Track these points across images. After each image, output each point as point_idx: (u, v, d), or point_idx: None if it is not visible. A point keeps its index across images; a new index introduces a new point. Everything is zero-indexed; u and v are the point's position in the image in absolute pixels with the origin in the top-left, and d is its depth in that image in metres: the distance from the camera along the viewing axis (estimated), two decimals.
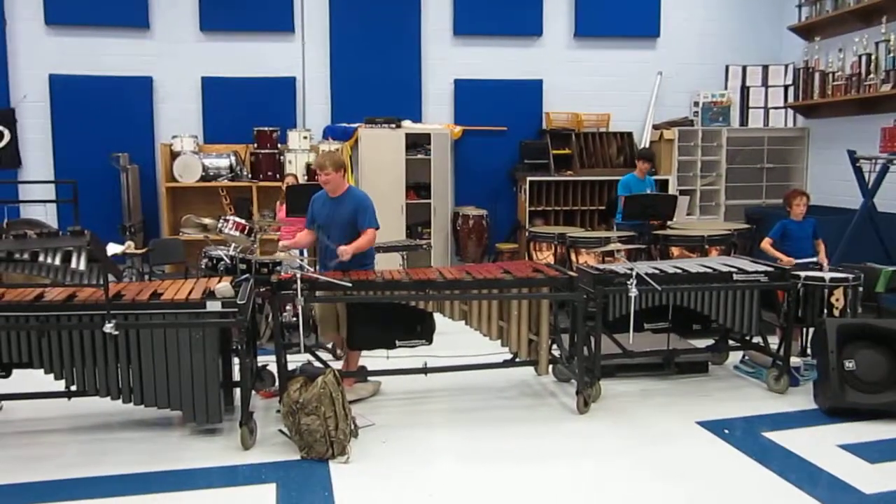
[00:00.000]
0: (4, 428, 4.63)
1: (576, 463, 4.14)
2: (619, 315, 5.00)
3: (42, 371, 4.30)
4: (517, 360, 5.10)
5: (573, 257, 6.93)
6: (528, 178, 8.95)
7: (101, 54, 8.63)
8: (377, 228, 5.13)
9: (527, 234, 8.10)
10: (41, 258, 4.10)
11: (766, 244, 6.09)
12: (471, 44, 9.36)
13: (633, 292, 4.84)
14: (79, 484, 3.90)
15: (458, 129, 9.22)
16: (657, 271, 5.12)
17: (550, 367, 5.22)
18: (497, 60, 9.37)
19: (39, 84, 8.60)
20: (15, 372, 4.50)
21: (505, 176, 9.45)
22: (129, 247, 7.14)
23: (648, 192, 7.55)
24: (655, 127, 9.56)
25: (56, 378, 4.32)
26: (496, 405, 5.06)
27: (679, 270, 5.19)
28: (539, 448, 4.33)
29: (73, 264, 4.07)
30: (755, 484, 3.90)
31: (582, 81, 9.51)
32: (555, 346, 5.23)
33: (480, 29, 9.30)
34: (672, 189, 9.04)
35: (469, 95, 9.35)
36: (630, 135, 9.49)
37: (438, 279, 4.78)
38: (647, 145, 9.48)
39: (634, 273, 4.87)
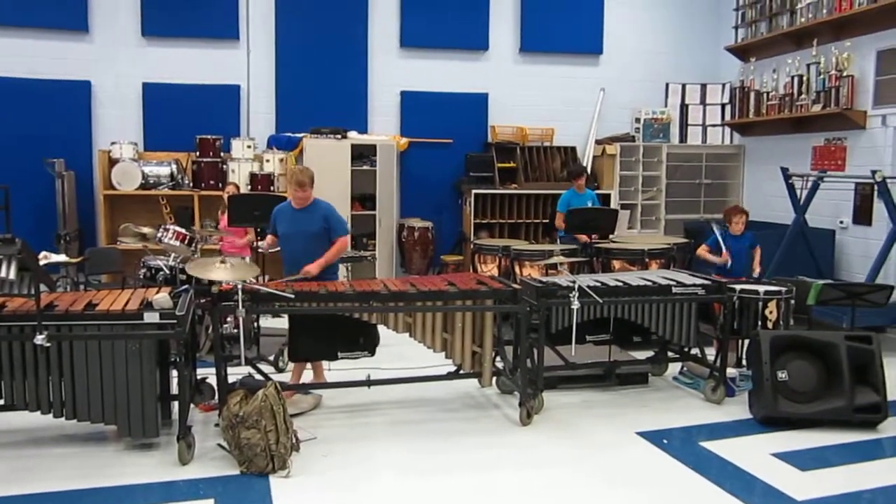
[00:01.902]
0: None
1: (519, 474, 4.15)
2: (562, 327, 5.06)
3: None
4: (461, 372, 5.10)
5: (517, 270, 6.98)
6: (474, 191, 9.01)
7: (37, 56, 8.40)
8: (348, 234, 5.28)
9: (472, 246, 8.15)
10: None
11: (702, 251, 6.30)
12: (417, 56, 9.40)
13: (576, 305, 4.90)
14: (8, 503, 3.74)
15: (404, 140, 9.23)
16: (599, 284, 5.19)
17: (494, 379, 5.24)
18: (443, 73, 9.43)
19: None
20: None
21: (450, 188, 9.49)
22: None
23: (590, 205, 7.68)
24: (598, 142, 9.74)
25: None
26: (440, 417, 5.05)
27: (620, 283, 5.28)
28: (483, 460, 4.34)
29: (3, 273, 3.92)
30: (693, 492, 3.98)
31: (527, 96, 9.64)
32: (498, 359, 5.25)
33: (427, 41, 9.36)
34: (614, 203, 9.21)
35: (415, 107, 9.38)
36: (574, 149, 9.65)
37: (383, 291, 4.76)
38: (590, 160, 9.65)
39: (577, 286, 4.93)
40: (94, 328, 4.08)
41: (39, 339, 3.92)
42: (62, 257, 6.58)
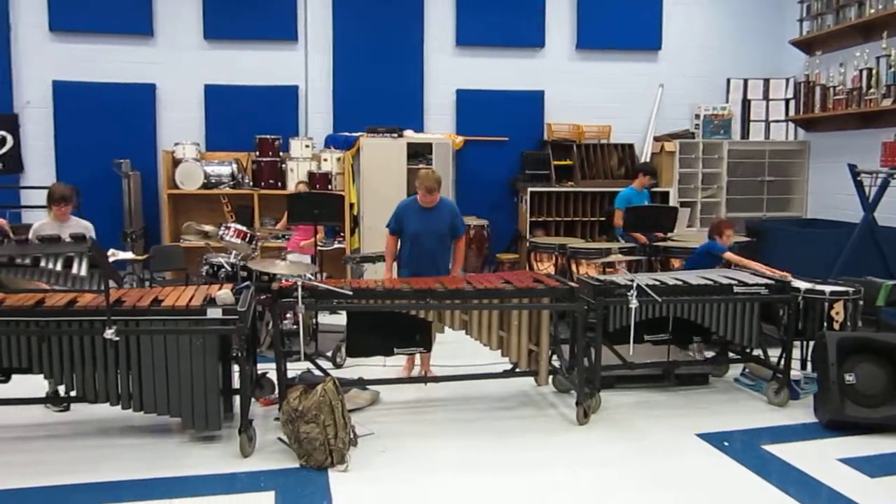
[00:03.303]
0: (5, 433, 4.62)
1: (575, 473, 4.12)
2: (620, 326, 5.00)
3: (42, 376, 4.30)
4: (517, 370, 5.09)
5: (573, 268, 6.93)
6: (529, 189, 8.97)
7: (105, 61, 8.66)
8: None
9: (527, 244, 8.11)
10: (43, 263, 4.10)
11: (730, 255, 6.14)
12: (473, 54, 9.39)
13: (634, 304, 4.84)
14: (76, 490, 3.89)
15: (460, 139, 9.24)
16: (658, 283, 5.12)
17: (550, 377, 5.22)
18: (499, 71, 9.40)
19: (43, 90, 8.62)
20: (14, 377, 4.51)
21: (506, 186, 9.47)
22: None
23: (646, 203, 7.57)
24: (656, 139, 9.59)
25: (56, 384, 4.33)
26: (495, 415, 5.05)
27: (680, 282, 5.20)
28: (538, 458, 4.32)
29: (75, 270, 4.07)
30: (754, 496, 3.89)
31: (583, 93, 9.54)
32: (555, 357, 5.22)
33: (482, 40, 9.34)
34: (673, 201, 9.05)
35: (471, 106, 9.37)
36: (631, 146, 9.51)
37: (439, 289, 4.78)
38: (648, 157, 9.51)
39: (635, 284, 4.87)
40: (159, 323, 4.21)
41: (109, 333, 4.06)
42: (129, 254, 6.78)
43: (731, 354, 5.72)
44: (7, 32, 8.49)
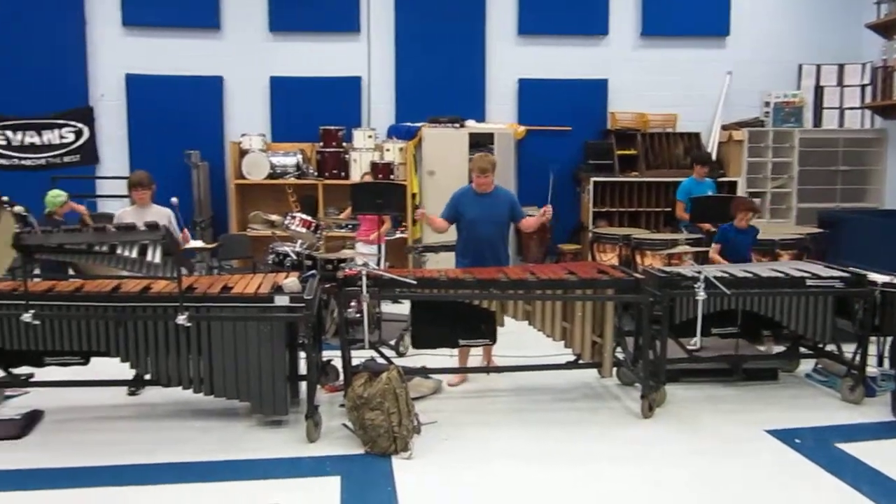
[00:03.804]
0: (81, 413, 4.81)
1: (638, 468, 4.07)
2: (686, 319, 4.90)
3: (118, 359, 4.46)
4: (580, 361, 5.05)
5: (638, 259, 6.82)
6: (592, 179, 8.86)
7: (175, 54, 8.89)
8: None
9: (590, 235, 8.02)
10: (119, 251, 4.25)
11: (713, 253, 5.99)
12: (535, 43, 9.32)
13: (701, 296, 4.74)
14: (149, 470, 4.02)
15: (522, 128, 9.18)
16: (726, 275, 4.99)
17: (614, 369, 5.16)
18: (561, 60, 9.30)
19: (116, 83, 8.92)
20: (93, 360, 4.69)
21: (568, 176, 9.37)
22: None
23: (709, 193, 7.40)
24: (724, 127, 9.35)
25: (131, 367, 4.48)
26: (558, 407, 5.02)
27: (749, 275, 5.06)
28: (601, 451, 4.28)
29: (149, 257, 4.21)
30: (827, 495, 3.78)
31: (648, 81, 9.37)
32: (619, 349, 5.16)
33: (545, 28, 9.25)
34: (741, 191, 8.82)
35: (533, 95, 9.31)
36: (697, 135, 9.31)
37: (502, 279, 4.77)
38: (715, 146, 9.29)
39: (703, 276, 4.77)
40: (229, 310, 4.32)
41: (181, 319, 4.18)
42: (198, 243, 6.97)
43: (802, 349, 5.55)
44: (83, 28, 8.80)
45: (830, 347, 5.32)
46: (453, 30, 9.21)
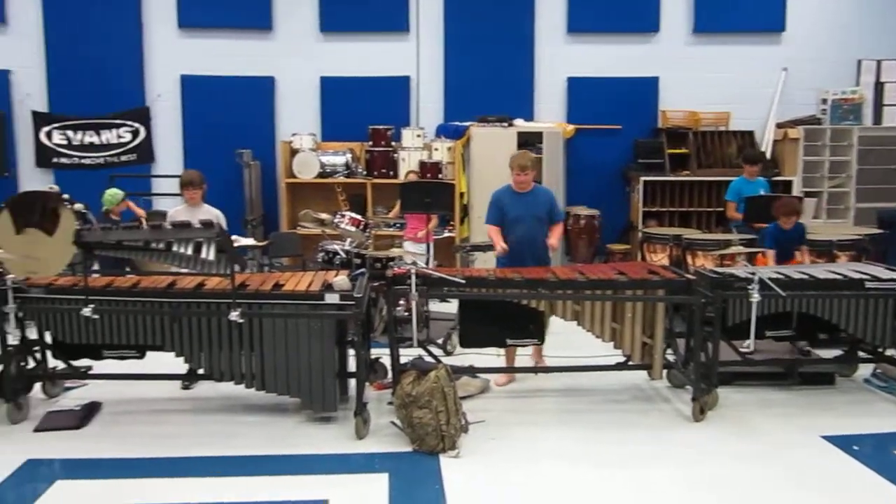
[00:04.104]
0: (137, 406, 4.94)
1: (689, 471, 4.01)
2: (739, 321, 4.81)
3: (173, 354, 4.56)
4: (630, 363, 5.00)
5: (689, 260, 6.71)
6: (642, 178, 8.75)
7: (228, 55, 9.05)
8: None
9: (640, 235, 7.92)
10: (175, 248, 4.35)
11: (767, 259, 5.93)
12: (584, 41, 9.24)
13: (756, 297, 4.65)
14: (202, 462, 4.11)
15: (571, 127, 9.11)
16: (781, 276, 4.88)
17: (664, 371, 5.08)
18: (611, 58, 9.20)
19: (172, 84, 9.12)
20: (148, 354, 4.82)
21: (618, 175, 9.28)
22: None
23: (762, 193, 7.25)
24: (779, 125, 9.13)
25: (185, 361, 4.58)
26: (607, 408, 4.97)
27: (805, 276, 4.94)
28: (651, 454, 4.23)
29: (204, 254, 4.29)
30: None
31: (700, 78, 9.20)
32: (669, 351, 5.09)
33: (594, 26, 9.17)
34: (796, 191, 8.62)
35: (582, 93, 9.23)
36: (751, 134, 9.11)
37: (551, 278, 4.75)
38: (770, 145, 9.08)
39: (757, 278, 4.67)
40: (280, 307, 4.39)
41: (234, 315, 4.26)
42: (250, 241, 7.08)
43: (860, 354, 5.39)
44: (140, 30, 9.02)
45: (890, 352, 5.16)
46: (502, 28, 9.18)
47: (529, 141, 8.68)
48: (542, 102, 9.29)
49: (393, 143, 8.78)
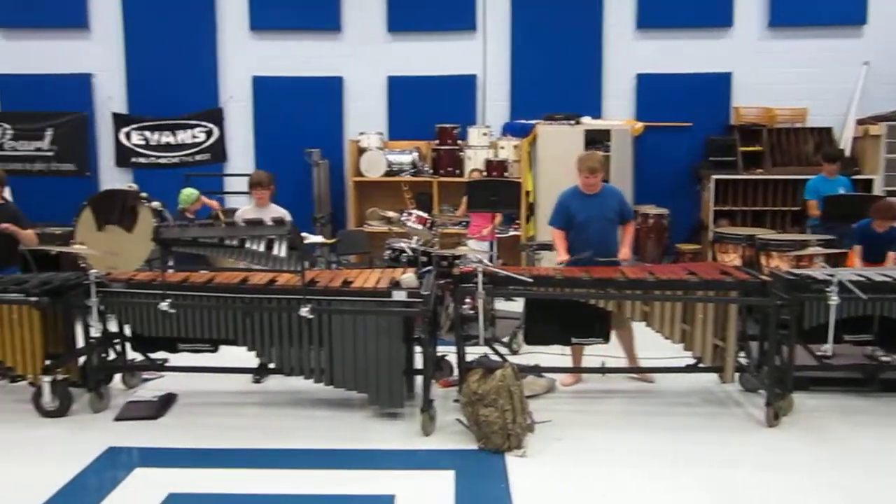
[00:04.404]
0: (210, 398, 5.08)
1: (760, 476, 3.90)
2: (816, 324, 4.64)
3: (245, 348, 4.68)
4: (700, 365, 4.89)
5: (763, 260, 6.52)
6: (714, 177, 8.55)
7: (298, 56, 9.23)
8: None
9: (711, 234, 7.74)
10: (248, 245, 4.46)
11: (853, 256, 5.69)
12: (655, 37, 9.08)
13: (834, 300, 4.49)
14: (273, 455, 4.21)
15: (640, 125, 8.96)
16: (862, 279, 4.70)
17: (736, 375, 4.95)
18: (682, 53, 9.02)
19: (244, 85, 9.35)
20: (221, 348, 4.97)
21: (688, 174, 9.09)
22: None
23: (842, 192, 6.99)
24: (860, 122, 8.79)
25: (257, 356, 4.70)
26: (676, 411, 4.87)
27: (888, 279, 4.74)
28: (721, 459, 4.12)
29: (276, 251, 4.39)
30: None
31: (776, 74, 8.94)
32: (742, 354, 4.96)
33: (665, 21, 9.00)
34: (877, 190, 8.28)
35: (652, 90, 9.08)
36: (829, 130, 8.81)
37: (620, 278, 4.68)
38: (849, 142, 8.75)
39: (836, 280, 4.51)
40: (349, 303, 4.45)
41: (304, 311, 4.34)
42: (318, 238, 7.20)
43: None
44: (214, 34, 9.27)
45: None
46: (570, 25, 9.10)
47: (597, 139, 8.59)
48: (610, 99, 9.18)
49: (459, 142, 8.80)
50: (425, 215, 6.55)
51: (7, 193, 5.99)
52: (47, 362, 4.75)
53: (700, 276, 4.70)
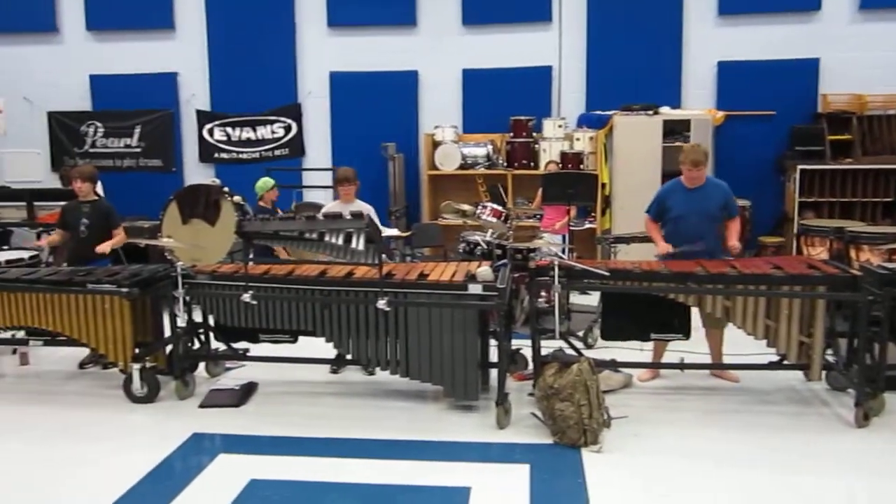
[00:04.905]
0: (289, 387, 5.21)
1: (848, 482, 3.75)
2: None
3: (323, 339, 4.78)
4: (785, 362, 4.73)
5: (852, 254, 6.26)
6: (799, 167, 8.23)
7: (374, 51, 9.32)
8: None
9: (796, 227, 7.47)
10: (327, 238, 4.55)
11: None
12: (737, 23, 8.79)
13: None
14: (350, 444, 4.29)
15: (720, 114, 8.71)
16: None
17: (823, 373, 4.77)
18: (767, 39, 8.71)
19: (321, 81, 9.51)
20: (300, 339, 5.09)
21: (771, 164, 8.78)
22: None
23: None
24: None
25: (335, 347, 4.79)
26: (758, 409, 4.73)
27: None
28: (805, 460, 3.99)
29: (354, 244, 4.46)
30: None
31: (868, 59, 8.53)
32: (829, 351, 4.77)
33: (748, 6, 8.71)
34: None
35: (733, 78, 8.80)
36: None
37: (700, 272, 4.57)
38: None
39: None
40: (425, 296, 4.48)
41: (381, 303, 4.40)
42: (394, 231, 7.28)
43: None
44: (292, 31, 9.46)
45: None
46: (648, 13, 8.90)
47: (675, 129, 8.38)
48: (690, 88, 8.95)
49: (534, 134, 8.73)
50: (500, 208, 6.53)
51: (99, 188, 6.27)
52: (137, 350, 4.96)
53: (786, 270, 4.55)
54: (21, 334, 5.41)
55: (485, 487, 3.76)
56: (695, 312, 4.86)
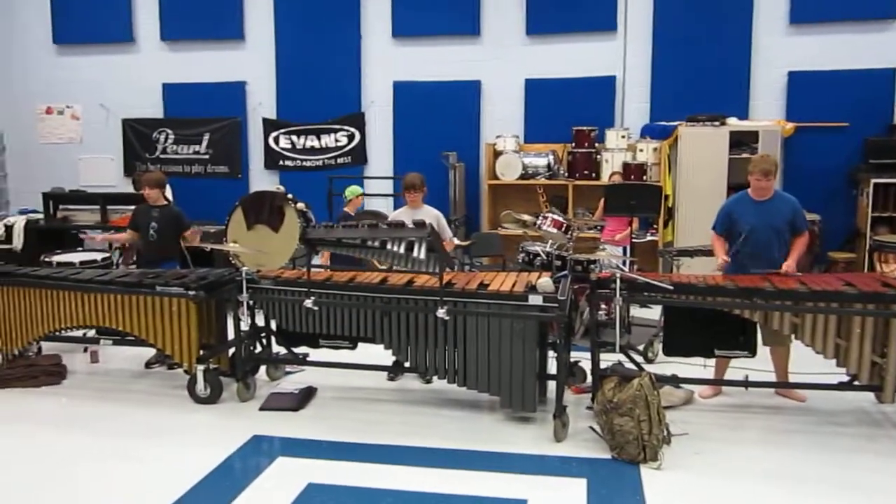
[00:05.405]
0: (347, 393, 5.27)
1: None
2: None
3: (382, 346, 4.82)
4: (856, 383, 4.56)
5: None
6: (873, 180, 7.94)
7: (437, 62, 9.37)
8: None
9: (869, 243, 7.21)
10: (389, 246, 4.59)
11: None
12: (809, 32, 8.54)
13: None
14: (408, 451, 4.31)
15: (790, 125, 8.47)
16: None
17: None
18: (839, 47, 8.42)
19: (385, 90, 9.61)
20: (359, 345, 5.15)
21: (843, 177, 8.49)
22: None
23: None
24: None
25: (394, 354, 4.82)
26: (824, 430, 4.58)
27: None
28: (878, 484, 3.84)
29: (415, 253, 4.50)
30: None
31: None
32: None
33: (820, 15, 8.44)
34: None
35: (805, 89, 8.55)
36: None
37: (768, 288, 4.45)
38: None
39: None
40: (485, 306, 4.49)
41: (441, 312, 4.42)
42: (454, 240, 7.29)
43: None
44: (359, 41, 9.60)
45: None
46: (716, 22, 8.73)
47: (743, 140, 8.21)
48: (759, 99, 8.72)
49: (596, 145, 8.65)
50: (561, 219, 6.49)
51: (168, 193, 6.48)
52: (201, 352, 5.09)
53: (858, 287, 4.40)
54: (92, 333, 5.62)
55: (541, 500, 3.73)
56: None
